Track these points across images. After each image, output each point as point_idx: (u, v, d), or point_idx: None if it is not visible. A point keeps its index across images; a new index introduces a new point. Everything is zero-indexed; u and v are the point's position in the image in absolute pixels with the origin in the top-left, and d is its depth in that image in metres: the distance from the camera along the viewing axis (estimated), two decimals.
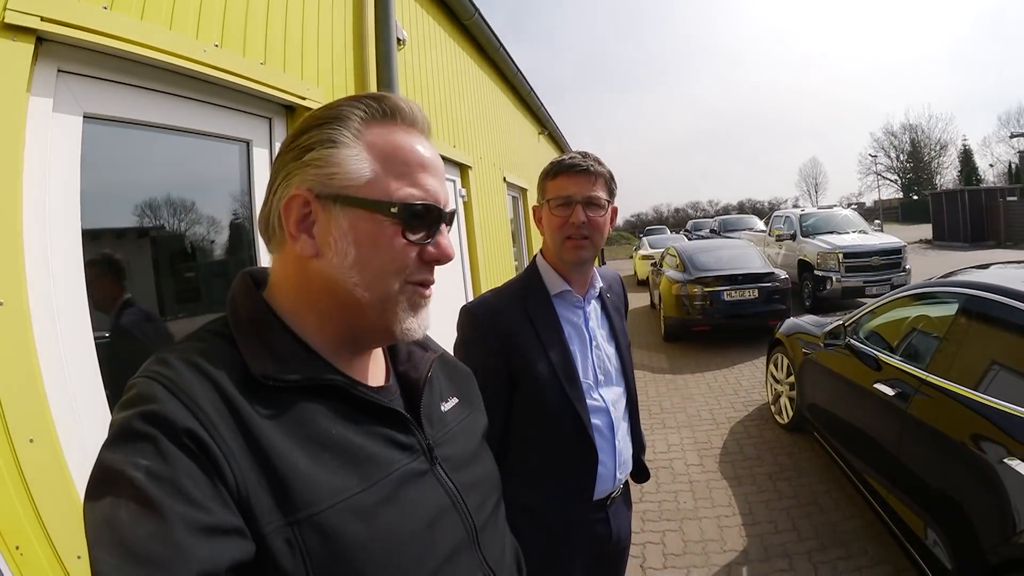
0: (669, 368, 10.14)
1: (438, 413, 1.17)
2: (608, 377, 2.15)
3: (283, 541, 0.81)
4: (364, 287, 0.97)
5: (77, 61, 2.17)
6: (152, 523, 0.69)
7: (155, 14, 2.40)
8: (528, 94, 11.69)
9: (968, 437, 3.02)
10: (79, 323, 2.12)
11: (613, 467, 2.09)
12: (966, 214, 31.34)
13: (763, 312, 10.99)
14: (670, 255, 13.81)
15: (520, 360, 1.98)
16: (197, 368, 0.85)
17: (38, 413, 1.82)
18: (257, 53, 3.07)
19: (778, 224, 17.53)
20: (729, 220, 30.48)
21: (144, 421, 0.76)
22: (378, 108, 1.00)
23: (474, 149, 7.58)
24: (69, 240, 2.11)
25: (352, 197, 0.96)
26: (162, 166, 2.73)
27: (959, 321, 3.60)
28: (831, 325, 5.68)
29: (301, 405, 0.91)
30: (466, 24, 7.33)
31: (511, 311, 2.05)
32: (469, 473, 1.15)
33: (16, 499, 1.69)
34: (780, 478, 5.52)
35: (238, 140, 3.14)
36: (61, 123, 2.12)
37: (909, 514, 3.52)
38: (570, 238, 2.00)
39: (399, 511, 0.94)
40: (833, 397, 5.16)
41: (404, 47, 5.14)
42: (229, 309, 1.00)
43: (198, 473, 0.75)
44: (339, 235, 0.96)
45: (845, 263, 13.36)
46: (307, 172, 0.96)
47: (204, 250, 3.02)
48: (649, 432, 7.08)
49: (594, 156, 2.05)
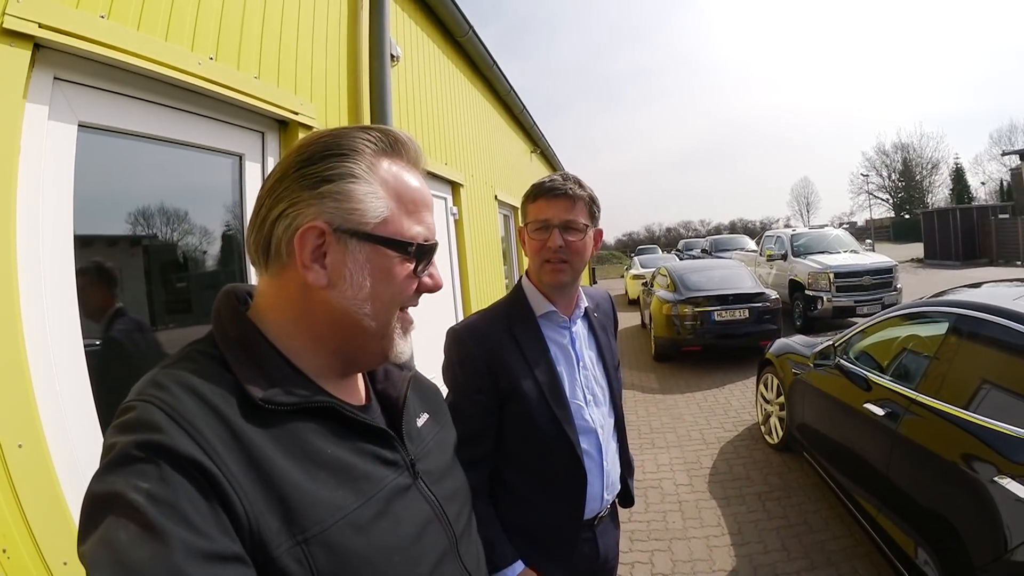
0: (659, 388, 10.14)
1: (416, 429, 1.21)
2: (596, 398, 2.14)
3: (294, 561, 0.82)
4: (372, 317, 1.02)
5: (74, 69, 2.17)
6: (152, 546, 0.69)
7: (152, 25, 2.41)
8: (521, 112, 11.70)
9: (959, 456, 3.02)
10: (70, 331, 2.11)
11: (601, 488, 2.09)
12: (958, 232, 31.57)
13: (754, 332, 11.01)
14: (661, 275, 13.82)
15: (507, 381, 1.97)
16: (196, 393, 0.85)
17: (27, 419, 1.81)
18: (251, 67, 3.07)
19: (769, 244, 17.61)
20: (720, 240, 30.58)
21: (146, 449, 0.76)
22: (385, 142, 1.05)
23: (466, 167, 7.59)
24: (61, 247, 2.11)
25: (372, 234, 1.00)
26: (155, 177, 2.73)
27: (949, 340, 3.61)
28: (821, 346, 5.69)
29: (297, 426, 0.93)
30: (460, 41, 7.35)
31: (497, 333, 2.05)
32: (447, 485, 1.20)
33: (3, 503, 1.69)
34: (770, 498, 5.52)
35: (231, 154, 3.13)
36: (56, 131, 2.11)
37: (899, 534, 3.52)
38: (548, 261, 2.01)
39: (391, 524, 0.97)
40: (823, 417, 5.16)
41: (397, 63, 5.14)
42: (216, 329, 1.01)
43: (199, 499, 0.75)
44: (355, 268, 1.00)
45: (836, 283, 13.43)
46: (325, 204, 0.98)
47: (194, 261, 3.02)
48: (638, 452, 7.07)
49: (575, 178, 2.05)
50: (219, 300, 1.05)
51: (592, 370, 2.17)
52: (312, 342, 1.03)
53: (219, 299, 1.05)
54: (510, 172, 11.08)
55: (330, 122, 3.85)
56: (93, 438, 2.10)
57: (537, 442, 1.99)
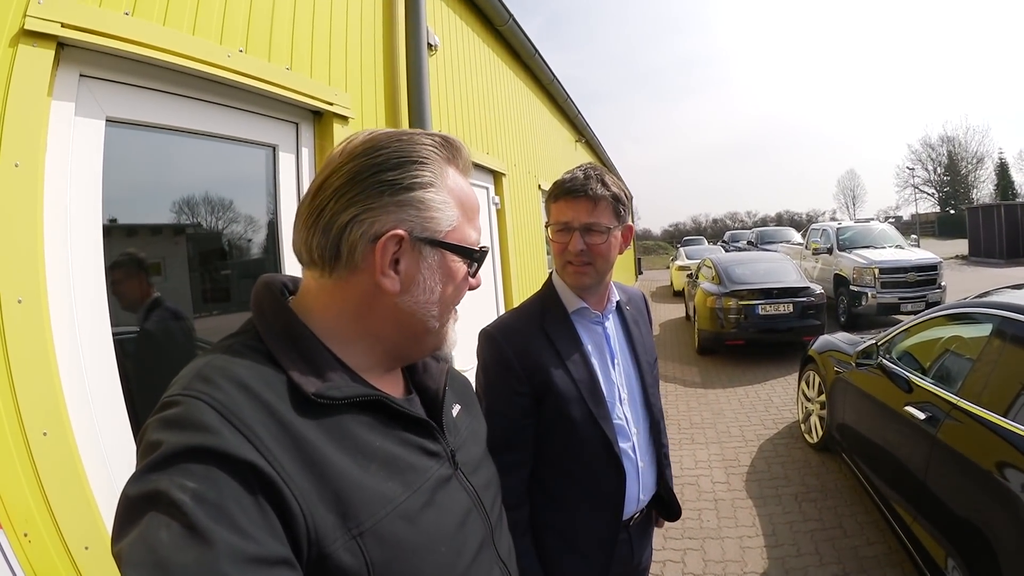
0: (701, 382, 10.09)
1: (452, 420, 1.21)
2: (632, 395, 2.11)
3: (349, 554, 0.82)
4: (437, 318, 1.07)
5: (99, 66, 2.19)
6: (195, 549, 0.67)
7: (178, 20, 2.42)
8: (564, 101, 11.58)
9: (995, 466, 2.92)
10: (98, 323, 2.14)
11: (637, 488, 2.05)
12: (1002, 229, 30.58)
13: (797, 327, 10.88)
14: (706, 267, 13.76)
15: (542, 379, 1.93)
16: (245, 388, 0.84)
17: (53, 408, 1.84)
18: (283, 58, 3.07)
19: (815, 237, 17.37)
20: (766, 232, 30.31)
21: (197, 452, 0.74)
22: (448, 150, 1.07)
23: (508, 156, 7.53)
24: (89, 241, 2.13)
25: (446, 243, 1.03)
26: (187, 170, 2.75)
27: (992, 343, 3.50)
28: (864, 344, 5.58)
29: (347, 420, 0.93)
30: (500, 30, 7.28)
31: (529, 330, 2.01)
32: (482, 475, 1.21)
33: (27, 488, 1.73)
34: (806, 499, 5.45)
35: (264, 145, 3.14)
36: (83, 126, 2.14)
37: (932, 543, 3.43)
38: (570, 263, 1.98)
39: (437, 514, 0.99)
40: (863, 418, 5.04)
41: (436, 53, 5.10)
42: (258, 321, 1.00)
43: (248, 501, 0.74)
44: (428, 274, 1.03)
45: (881, 279, 13.18)
46: (405, 212, 0.99)
47: (230, 251, 3.06)
48: (677, 447, 7.04)
49: (599, 175, 1.97)
50: (259, 292, 1.04)
51: (626, 366, 2.13)
52: (367, 339, 1.04)
53: (259, 291, 1.05)
54: (554, 161, 11.00)
55: (366, 112, 3.84)
56: (121, 426, 2.13)
57: (573, 441, 1.95)
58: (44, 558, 1.73)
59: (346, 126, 3.49)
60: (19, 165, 1.82)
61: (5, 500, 1.66)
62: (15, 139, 1.81)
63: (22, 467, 1.73)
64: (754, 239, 30.09)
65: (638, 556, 2.14)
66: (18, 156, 1.81)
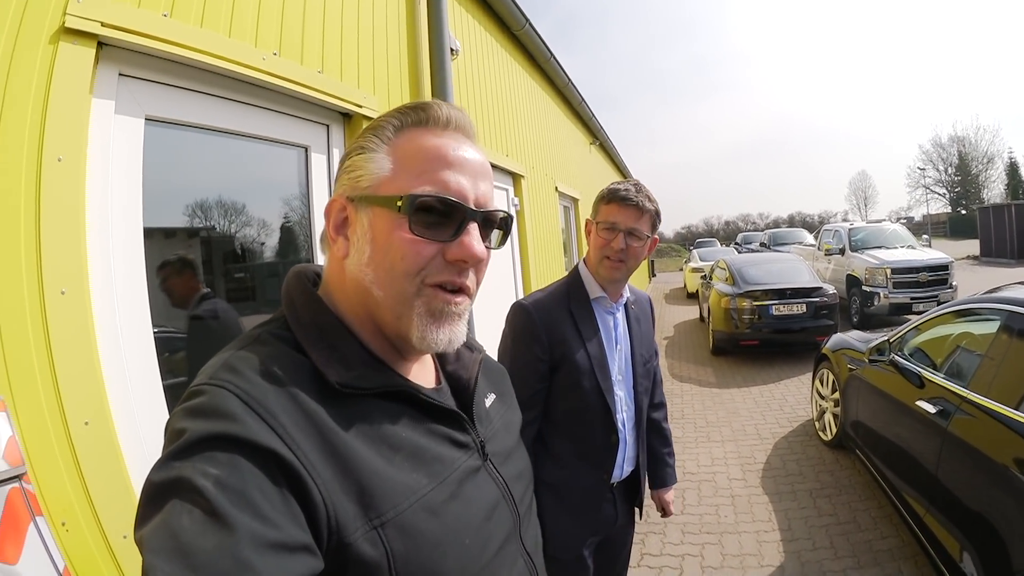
0: (716, 382, 10.14)
1: (484, 410, 1.19)
2: (626, 378, 2.47)
3: (370, 545, 0.81)
4: (378, 285, 0.97)
5: (138, 65, 2.28)
6: (216, 535, 0.67)
7: (214, 23, 2.50)
8: (579, 104, 11.63)
9: (1009, 458, 2.96)
10: (138, 314, 2.19)
11: (623, 456, 2.43)
12: (1013, 229, 30.28)
13: (811, 327, 10.89)
14: (720, 268, 13.78)
15: (561, 349, 2.29)
16: (271, 376, 0.85)
17: (95, 397, 1.89)
18: (315, 62, 3.17)
19: (827, 238, 17.31)
20: (779, 233, 30.10)
21: (220, 439, 0.74)
22: (413, 116, 1.02)
23: (527, 158, 7.58)
24: (131, 234, 2.19)
25: (370, 196, 0.98)
26: (223, 169, 2.84)
27: (1001, 338, 3.56)
28: (876, 341, 5.63)
29: (373, 410, 0.93)
30: (517, 34, 7.36)
31: (557, 307, 2.37)
32: (513, 466, 1.19)
33: (67, 478, 1.76)
34: (820, 495, 5.50)
35: (296, 145, 3.23)
36: (123, 124, 2.21)
37: (946, 535, 3.47)
38: (608, 258, 2.32)
39: (463, 506, 0.97)
40: (876, 414, 5.09)
41: (457, 57, 5.18)
42: (287, 310, 1.01)
43: (271, 488, 0.74)
44: (361, 233, 0.99)
45: (893, 279, 13.19)
46: (343, 179, 1.03)
47: (259, 252, 3.13)
48: (694, 445, 7.12)
49: (647, 192, 2.33)
50: (289, 281, 1.05)
51: (625, 353, 2.49)
52: (358, 319, 1.02)
53: (289, 280, 1.06)
54: (570, 164, 11.04)
55: None
56: (160, 417, 2.15)
57: (580, 407, 2.33)
58: (82, 548, 1.76)
59: None
60: (62, 159, 1.86)
61: (44, 489, 1.70)
62: (58, 134, 1.86)
63: (62, 457, 1.76)
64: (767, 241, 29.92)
65: (621, 520, 2.47)
66: (62, 151, 1.87)
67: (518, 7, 6.84)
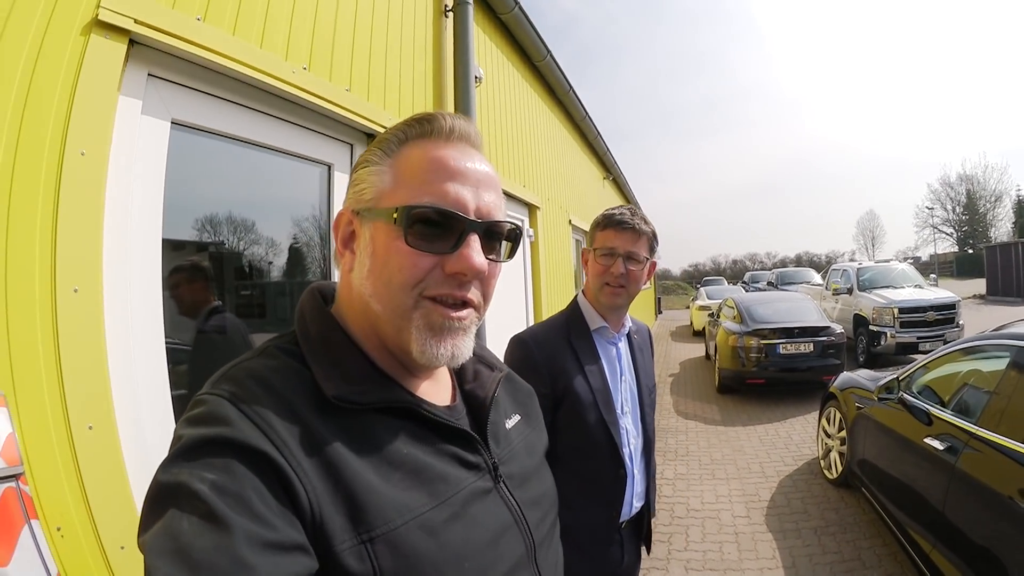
0: (722, 420, 10.07)
1: (503, 431, 1.17)
2: (632, 409, 2.37)
3: (356, 559, 0.80)
4: (377, 298, 0.96)
5: (168, 67, 2.28)
6: (215, 536, 0.69)
7: (247, 32, 2.51)
8: (595, 138, 11.70)
9: (1017, 492, 2.95)
10: (151, 320, 2.17)
11: (631, 493, 2.29)
12: (1020, 267, 30.28)
13: (817, 367, 10.82)
14: (728, 306, 13.74)
15: (563, 383, 2.18)
16: (269, 388, 0.86)
17: (101, 401, 1.86)
18: (343, 80, 3.19)
19: (835, 278, 17.36)
20: (786, 273, 30.13)
21: (214, 442, 0.76)
22: (418, 128, 1.01)
23: (542, 190, 7.60)
24: (148, 238, 2.20)
25: (372, 209, 0.98)
26: (246, 180, 2.82)
27: (1010, 375, 3.55)
28: (886, 380, 5.60)
29: (372, 425, 0.92)
30: (538, 65, 7.42)
31: (556, 340, 2.28)
32: (531, 490, 1.15)
33: (66, 482, 1.72)
34: (825, 533, 5.44)
35: (320, 163, 3.23)
36: (149, 125, 2.21)
37: (952, 570, 3.46)
38: (608, 284, 2.26)
39: (466, 528, 0.94)
40: (883, 452, 5.07)
41: (480, 84, 5.20)
42: (298, 326, 1.01)
43: (265, 490, 0.75)
44: (363, 246, 0.99)
45: (900, 318, 13.17)
46: (350, 192, 1.04)
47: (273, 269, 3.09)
48: (698, 482, 7.06)
49: (641, 215, 2.28)
50: (304, 297, 1.06)
51: (630, 384, 2.39)
52: (363, 333, 1.01)
53: (304, 296, 1.06)
54: (583, 197, 11.06)
55: None
56: (166, 429, 2.12)
57: (585, 442, 2.19)
58: (76, 556, 1.72)
59: None
60: (85, 154, 1.86)
61: (41, 493, 1.66)
62: (82, 128, 1.86)
63: (63, 460, 1.72)
64: (774, 280, 29.95)
65: (628, 560, 2.33)
66: (84, 145, 1.86)
67: (540, 38, 6.90)
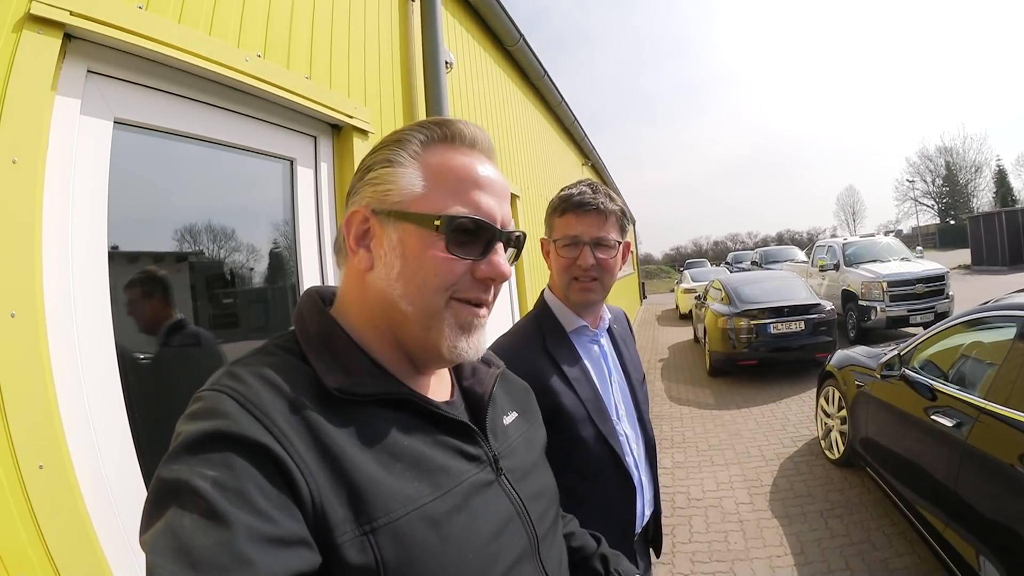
0: (715, 404, 10.01)
1: (501, 426, 1.19)
2: (628, 411, 2.09)
3: (358, 550, 0.80)
4: (408, 300, 0.99)
5: (108, 62, 2.08)
6: (216, 532, 0.69)
7: (193, 18, 2.34)
8: (572, 123, 11.64)
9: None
10: (101, 342, 1.99)
11: (641, 502, 2.03)
12: (1003, 237, 30.59)
13: (809, 345, 10.81)
14: (715, 288, 13.69)
15: (549, 401, 1.84)
16: (269, 381, 0.87)
17: (50, 437, 1.69)
18: (302, 67, 3.00)
19: (821, 254, 17.39)
20: (771, 252, 30.30)
21: (214, 437, 0.76)
22: (439, 132, 1.04)
23: (521, 179, 7.51)
24: (92, 251, 2.00)
25: (402, 212, 0.99)
26: (199, 181, 2.62)
27: (1019, 345, 3.50)
28: (887, 356, 5.54)
29: (373, 417, 0.93)
30: (511, 50, 7.30)
31: (530, 352, 1.96)
32: (532, 484, 1.16)
33: (22, 528, 1.59)
34: (832, 515, 5.38)
35: (281, 158, 3.02)
36: (89, 126, 2.02)
37: (966, 547, 3.43)
38: (577, 279, 1.95)
39: (468, 520, 0.95)
40: (888, 430, 5.00)
41: (451, 70, 5.07)
42: (296, 325, 1.03)
43: (267, 484, 0.76)
44: (389, 248, 1.00)
45: (889, 292, 13.16)
46: (367, 190, 1.03)
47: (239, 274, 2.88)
48: (697, 470, 6.99)
49: (605, 190, 1.97)
50: (302, 298, 1.08)
51: (620, 383, 2.11)
52: (375, 332, 1.03)
53: (302, 298, 1.08)
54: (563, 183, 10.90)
55: (386, 127, 3.74)
56: (125, 459, 1.97)
57: (585, 462, 1.91)
58: None
59: (366, 141, 3.39)
60: (16, 161, 1.69)
61: None
62: (14, 133, 1.69)
63: (16, 504, 1.58)
64: (758, 259, 30.07)
65: (642, 568, 2.09)
66: (16, 152, 1.68)
67: (512, 22, 6.77)
